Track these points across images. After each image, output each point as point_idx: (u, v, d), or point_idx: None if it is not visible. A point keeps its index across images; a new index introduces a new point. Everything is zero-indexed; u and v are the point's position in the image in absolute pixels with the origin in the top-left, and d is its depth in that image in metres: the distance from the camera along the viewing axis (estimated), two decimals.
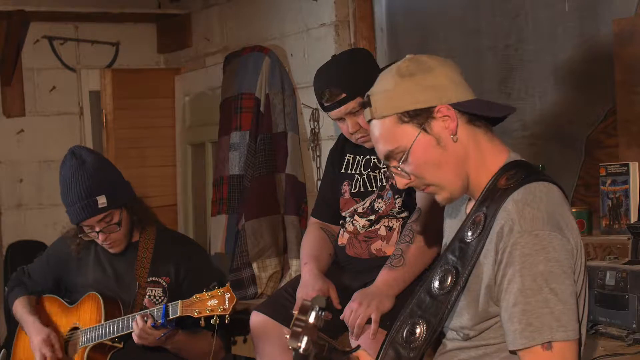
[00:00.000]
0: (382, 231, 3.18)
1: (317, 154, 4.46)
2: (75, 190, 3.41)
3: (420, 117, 2.04)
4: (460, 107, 2.06)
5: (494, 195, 2.05)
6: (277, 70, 4.56)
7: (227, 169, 4.67)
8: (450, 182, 2.08)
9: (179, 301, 3.26)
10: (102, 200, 3.40)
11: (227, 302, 3.19)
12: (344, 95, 3.11)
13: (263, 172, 4.49)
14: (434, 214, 2.93)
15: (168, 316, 3.26)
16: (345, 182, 3.31)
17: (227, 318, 3.21)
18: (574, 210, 3.45)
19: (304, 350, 1.87)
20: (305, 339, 1.87)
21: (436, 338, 2.14)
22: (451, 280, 2.08)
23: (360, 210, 3.24)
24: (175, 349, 3.43)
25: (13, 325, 3.88)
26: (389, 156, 2.10)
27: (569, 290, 1.95)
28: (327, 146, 4.24)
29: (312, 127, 4.47)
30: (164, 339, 3.30)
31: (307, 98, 4.44)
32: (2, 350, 3.70)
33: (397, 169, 2.09)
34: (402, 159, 2.07)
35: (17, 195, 5.35)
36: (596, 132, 3.54)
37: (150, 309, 3.34)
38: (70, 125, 5.45)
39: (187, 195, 5.49)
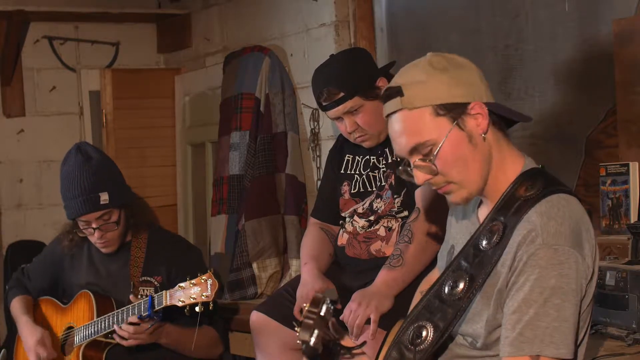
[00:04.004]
0: (382, 232, 3.18)
1: (317, 154, 4.46)
2: (79, 184, 3.42)
3: (455, 111, 2.01)
4: (491, 107, 2.05)
5: (512, 204, 2.02)
6: (277, 70, 4.56)
7: (227, 169, 4.67)
8: (473, 182, 2.05)
9: (164, 291, 3.26)
10: (104, 197, 3.41)
11: (209, 289, 3.20)
12: (341, 94, 3.11)
13: (263, 172, 4.49)
14: (433, 214, 2.93)
15: (154, 307, 3.26)
16: (345, 183, 3.31)
17: (211, 304, 3.21)
18: None
19: (315, 343, 1.86)
20: (316, 332, 1.86)
21: (442, 342, 2.13)
22: (464, 287, 2.06)
23: (360, 210, 3.24)
24: (170, 344, 3.43)
25: (13, 325, 3.89)
26: (414, 149, 2.03)
27: (572, 309, 1.93)
28: (327, 146, 4.24)
29: (312, 127, 4.47)
30: (151, 330, 3.31)
31: (307, 98, 4.44)
32: (2, 350, 3.71)
33: (422, 162, 2.03)
34: (431, 153, 2.02)
35: (17, 195, 5.35)
36: (596, 132, 3.54)
37: (137, 302, 3.34)
38: (70, 125, 5.45)
39: (187, 195, 5.49)
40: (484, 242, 2.05)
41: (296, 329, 1.87)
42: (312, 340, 1.85)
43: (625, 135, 3.34)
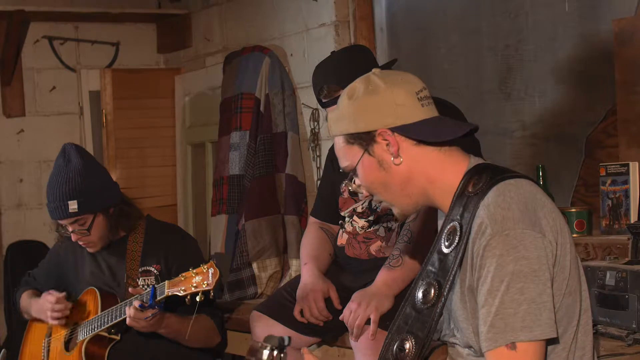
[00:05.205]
0: (381, 232, 3.18)
1: (317, 154, 4.46)
2: (54, 190, 3.50)
3: (363, 140, 2.10)
4: (401, 131, 2.08)
5: (462, 202, 2.05)
6: (277, 70, 4.56)
7: (227, 169, 4.67)
8: (398, 201, 2.13)
9: (166, 281, 3.28)
10: (73, 206, 3.46)
11: (210, 277, 3.21)
12: (341, 91, 3.11)
13: (263, 172, 4.49)
14: (432, 214, 2.93)
15: (156, 297, 3.28)
16: (345, 182, 3.31)
17: (212, 293, 3.22)
18: (573, 210, 3.45)
19: None
20: None
21: (428, 353, 2.13)
22: (434, 294, 2.08)
23: (359, 210, 3.24)
24: (170, 334, 3.44)
25: (13, 325, 3.90)
26: (346, 172, 2.18)
27: (537, 289, 1.92)
28: (327, 146, 4.24)
29: (312, 127, 4.47)
30: (152, 320, 3.31)
31: (307, 98, 4.44)
32: (2, 350, 3.72)
33: (355, 183, 2.18)
34: (355, 176, 2.15)
35: (17, 195, 5.35)
36: (596, 132, 3.54)
37: (140, 295, 3.36)
38: (70, 125, 5.45)
39: (187, 195, 5.49)
40: (445, 245, 2.08)
41: None
42: None
43: (625, 135, 3.34)
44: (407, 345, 2.11)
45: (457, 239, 2.04)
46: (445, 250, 2.07)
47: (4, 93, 5.28)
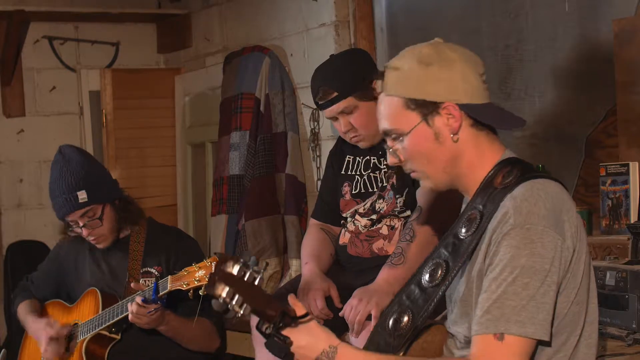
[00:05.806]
0: (384, 230, 3.18)
1: (317, 154, 4.46)
2: (59, 185, 3.50)
3: (426, 108, 2.05)
4: (467, 110, 2.06)
5: (489, 192, 2.04)
6: (277, 70, 4.56)
7: (227, 169, 4.67)
8: (436, 176, 2.10)
9: (169, 276, 3.29)
10: (82, 196, 3.47)
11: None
12: (335, 94, 3.12)
13: (263, 172, 4.49)
14: (435, 212, 2.93)
15: (158, 292, 3.29)
16: (346, 184, 3.31)
17: None
18: None
19: (224, 299, 1.79)
20: (223, 288, 1.79)
21: (422, 328, 2.14)
22: (441, 274, 2.08)
23: (361, 210, 3.24)
24: (171, 332, 3.45)
25: (13, 325, 3.90)
26: (386, 133, 2.12)
27: (543, 288, 1.92)
28: (327, 146, 4.24)
29: (312, 127, 4.47)
30: (154, 316, 3.31)
31: (307, 98, 4.44)
32: (2, 350, 3.72)
33: (392, 147, 2.12)
34: (398, 141, 2.09)
35: (17, 195, 5.36)
36: (596, 132, 3.54)
37: (143, 291, 3.36)
38: (70, 125, 5.46)
39: (187, 195, 5.49)
40: (463, 231, 2.07)
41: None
42: (223, 294, 1.78)
43: (625, 135, 3.34)
44: (405, 319, 2.12)
45: (475, 226, 2.03)
46: (462, 236, 2.07)
47: (4, 93, 5.29)
